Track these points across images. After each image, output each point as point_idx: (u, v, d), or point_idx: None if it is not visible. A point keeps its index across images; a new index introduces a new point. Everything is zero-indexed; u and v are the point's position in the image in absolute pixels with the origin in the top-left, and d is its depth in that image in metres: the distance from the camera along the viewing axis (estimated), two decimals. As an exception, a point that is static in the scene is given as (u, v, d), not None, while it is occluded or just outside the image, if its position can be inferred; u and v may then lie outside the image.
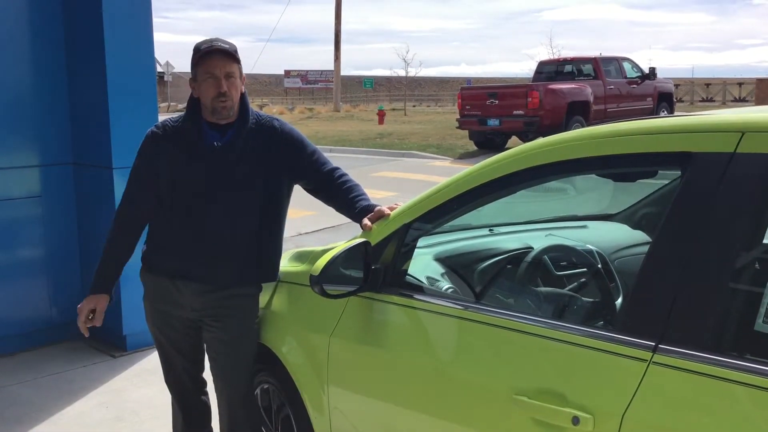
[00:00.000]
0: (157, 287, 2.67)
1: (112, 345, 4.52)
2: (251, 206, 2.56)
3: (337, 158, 2.41)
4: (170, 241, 2.61)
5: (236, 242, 2.57)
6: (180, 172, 2.55)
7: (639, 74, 18.18)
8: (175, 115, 2.60)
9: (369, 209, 2.46)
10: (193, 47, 2.51)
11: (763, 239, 1.64)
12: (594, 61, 17.60)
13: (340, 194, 2.61)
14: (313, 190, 2.67)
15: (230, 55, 2.48)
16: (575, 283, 2.44)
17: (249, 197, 2.56)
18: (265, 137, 2.58)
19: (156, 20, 4.63)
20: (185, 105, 2.65)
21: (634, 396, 1.52)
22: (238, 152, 2.53)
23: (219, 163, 2.52)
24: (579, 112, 15.86)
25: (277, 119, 2.65)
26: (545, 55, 36.04)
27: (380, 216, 2.37)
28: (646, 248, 1.71)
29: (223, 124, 2.54)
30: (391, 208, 2.38)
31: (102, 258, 2.69)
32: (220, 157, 2.52)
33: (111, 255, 2.69)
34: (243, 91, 2.57)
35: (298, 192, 2.71)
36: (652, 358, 1.52)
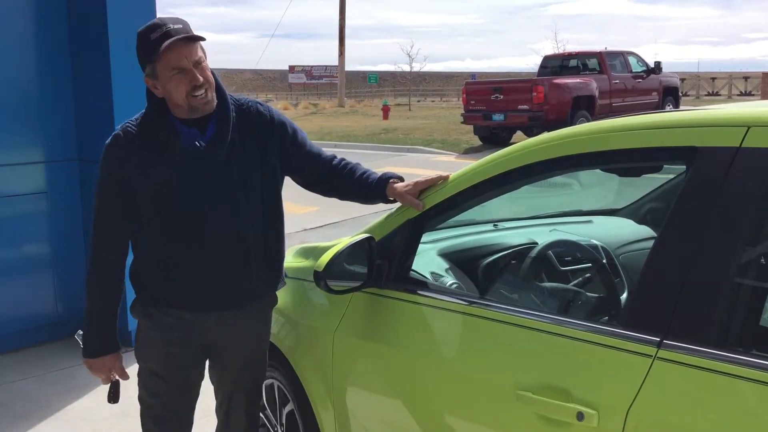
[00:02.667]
0: (166, 325, 2.27)
1: (117, 341, 4.53)
2: (254, 207, 2.24)
3: (342, 153, 2.39)
4: (171, 267, 2.21)
5: (249, 251, 2.24)
6: (164, 183, 2.14)
7: (644, 68, 18.12)
8: (134, 117, 2.22)
9: (384, 181, 2.30)
10: (137, 37, 2.11)
11: (768, 234, 1.63)
12: (599, 56, 17.55)
13: (345, 180, 2.38)
14: (311, 184, 2.42)
15: (193, 38, 2.08)
16: (580, 279, 2.43)
17: (249, 197, 2.22)
18: (252, 125, 2.24)
19: (161, 16, 4.62)
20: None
21: (638, 392, 1.51)
22: (227, 148, 2.17)
23: (209, 165, 2.16)
24: (584, 107, 15.82)
25: (261, 103, 2.31)
26: (550, 50, 35.98)
27: (429, 186, 2.21)
28: (651, 243, 1.70)
29: (198, 118, 2.15)
30: (442, 177, 2.21)
31: (92, 312, 2.25)
32: (209, 158, 2.15)
33: (104, 304, 2.26)
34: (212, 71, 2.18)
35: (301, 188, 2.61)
36: (656, 353, 1.52)
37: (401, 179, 2.33)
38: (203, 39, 2.11)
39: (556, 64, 18.78)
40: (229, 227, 2.20)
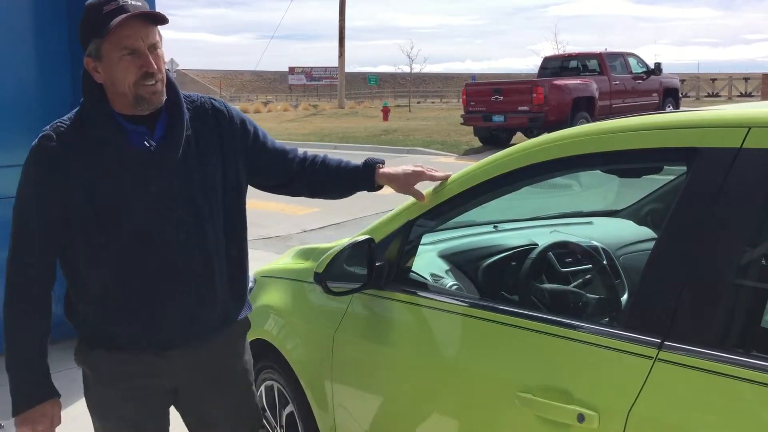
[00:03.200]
0: (114, 370, 1.91)
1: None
2: (216, 218, 1.93)
3: (342, 155, 2.36)
4: (121, 295, 1.86)
5: (213, 270, 1.92)
6: (108, 194, 1.80)
7: (644, 69, 18.13)
8: (65, 115, 1.89)
9: (370, 166, 2.14)
10: (85, 9, 1.78)
11: (769, 235, 1.62)
12: (599, 57, 17.56)
13: (321, 172, 2.14)
14: (280, 185, 2.16)
15: (153, 17, 1.77)
16: (580, 280, 2.43)
17: (212, 207, 1.91)
18: (208, 123, 1.95)
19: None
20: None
21: (639, 393, 1.51)
22: (183, 149, 1.86)
23: (162, 170, 1.83)
24: (584, 108, 15.82)
25: (215, 99, 2.04)
26: (550, 51, 35.99)
27: (428, 178, 2.11)
28: (651, 244, 1.70)
29: (146, 115, 1.84)
30: (445, 176, 2.13)
31: (18, 353, 1.87)
32: (162, 161, 1.83)
33: (32, 342, 1.90)
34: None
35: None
36: (657, 355, 1.51)
37: (381, 161, 2.17)
38: (166, 21, 1.79)
39: (556, 66, 18.79)
40: (190, 243, 1.87)
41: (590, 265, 2.49)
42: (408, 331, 2.13)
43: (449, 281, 2.35)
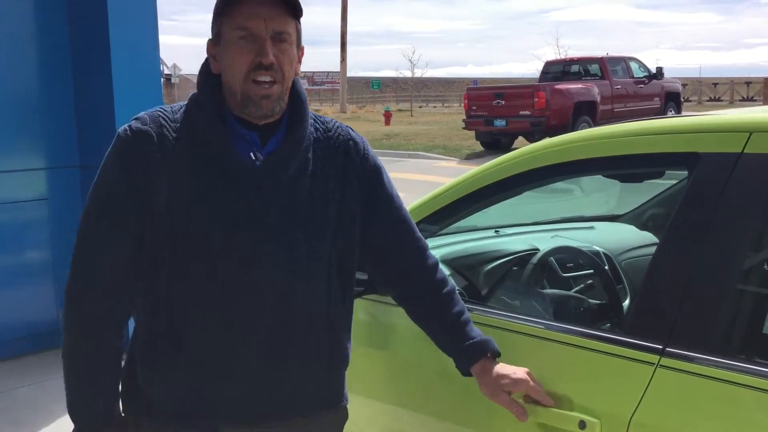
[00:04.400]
0: None
1: (118, 347, 4.53)
2: (317, 265, 1.54)
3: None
4: (171, 345, 1.46)
5: (312, 328, 1.54)
6: (200, 207, 1.45)
7: (646, 74, 18.14)
8: (176, 105, 1.56)
9: (477, 351, 1.63)
10: None
11: (771, 240, 1.62)
12: (601, 61, 17.58)
13: (430, 303, 1.69)
14: (382, 273, 1.74)
15: (286, 1, 1.43)
16: (582, 285, 2.42)
17: (313, 249, 1.52)
18: (336, 154, 1.57)
19: (164, 23, 4.68)
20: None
21: (641, 400, 1.50)
22: (294, 172, 1.50)
23: (262, 190, 1.47)
24: (586, 112, 15.84)
25: (357, 135, 1.65)
26: (552, 56, 36.01)
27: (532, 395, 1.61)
28: (653, 249, 1.69)
29: (262, 125, 1.50)
30: (521, 381, 1.60)
31: (84, 378, 1.52)
32: (264, 180, 1.47)
33: (101, 366, 1.51)
34: (298, 73, 1.53)
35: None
36: (659, 361, 1.51)
37: (496, 353, 1.65)
38: (299, 9, 1.45)
39: (558, 70, 18.81)
40: (282, 290, 1.49)
41: (592, 270, 2.48)
42: (409, 336, 2.13)
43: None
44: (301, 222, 1.51)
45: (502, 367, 1.62)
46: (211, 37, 1.50)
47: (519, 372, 1.60)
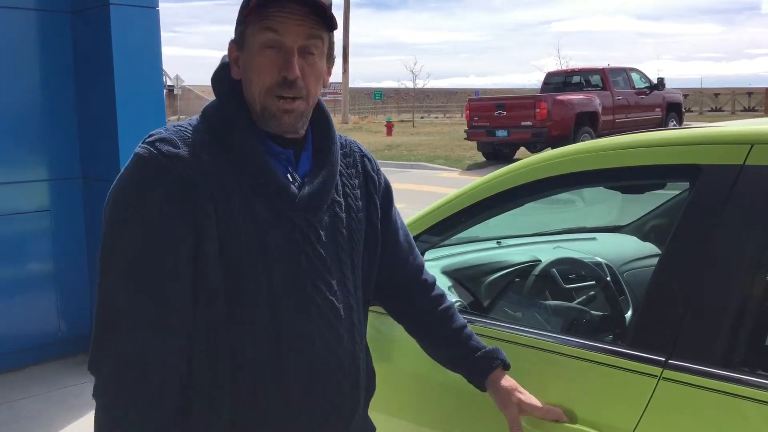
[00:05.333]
0: None
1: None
2: (358, 296, 1.47)
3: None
4: (221, 390, 1.30)
5: (358, 366, 1.47)
6: (245, 236, 1.29)
7: (647, 85, 18.17)
8: (184, 120, 1.40)
9: (488, 363, 1.60)
10: None
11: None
12: (602, 72, 17.61)
13: (431, 315, 1.66)
14: (377, 283, 1.59)
15: (317, 8, 1.30)
16: (584, 297, 2.42)
17: (353, 276, 1.45)
18: (356, 168, 1.52)
19: (167, 35, 4.70)
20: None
21: (643, 412, 1.49)
22: (327, 193, 1.41)
23: (308, 217, 1.36)
24: (587, 123, 15.86)
25: (364, 149, 1.60)
26: (553, 66, 36.10)
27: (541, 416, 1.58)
28: (655, 260, 1.69)
29: (288, 138, 1.39)
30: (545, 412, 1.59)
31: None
32: (308, 203, 1.36)
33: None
34: (326, 85, 1.43)
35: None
36: (662, 373, 1.50)
37: (506, 366, 1.63)
38: (333, 22, 1.33)
39: (559, 81, 18.84)
40: (333, 323, 1.38)
41: (594, 282, 2.48)
42: (410, 348, 2.12)
43: (452, 297, 2.34)
44: (348, 250, 1.42)
45: (515, 382, 1.63)
46: (233, 38, 1.37)
47: (528, 401, 1.60)
